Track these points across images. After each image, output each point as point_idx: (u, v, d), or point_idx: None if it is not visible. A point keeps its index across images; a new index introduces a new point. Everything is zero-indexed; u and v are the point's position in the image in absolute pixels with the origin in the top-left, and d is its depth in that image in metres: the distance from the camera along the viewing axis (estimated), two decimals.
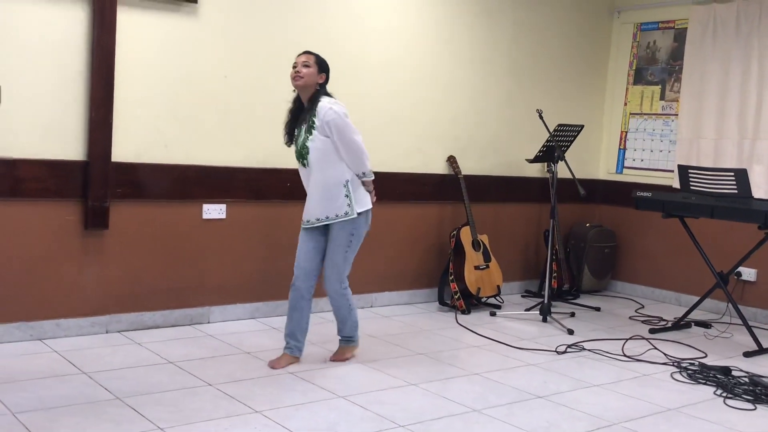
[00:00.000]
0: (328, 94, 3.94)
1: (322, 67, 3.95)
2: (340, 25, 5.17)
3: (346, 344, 4.22)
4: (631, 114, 6.71)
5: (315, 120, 3.84)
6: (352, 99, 5.24)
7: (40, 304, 4.20)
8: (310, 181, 3.95)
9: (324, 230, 4.01)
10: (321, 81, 3.93)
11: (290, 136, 4.01)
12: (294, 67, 3.91)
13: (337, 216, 3.91)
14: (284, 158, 4.96)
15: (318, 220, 3.95)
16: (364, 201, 3.98)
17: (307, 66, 3.88)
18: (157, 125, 4.49)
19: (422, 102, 5.67)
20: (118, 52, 4.27)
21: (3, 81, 3.82)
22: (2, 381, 3.52)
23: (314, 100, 3.89)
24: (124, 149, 4.37)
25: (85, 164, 4.24)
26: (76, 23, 4.17)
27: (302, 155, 3.92)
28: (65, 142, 4.20)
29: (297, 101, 4.01)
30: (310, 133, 3.86)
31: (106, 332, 4.41)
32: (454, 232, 5.63)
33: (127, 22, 4.31)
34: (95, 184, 4.25)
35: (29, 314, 4.17)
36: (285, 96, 4.08)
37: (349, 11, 5.21)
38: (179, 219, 4.64)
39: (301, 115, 3.97)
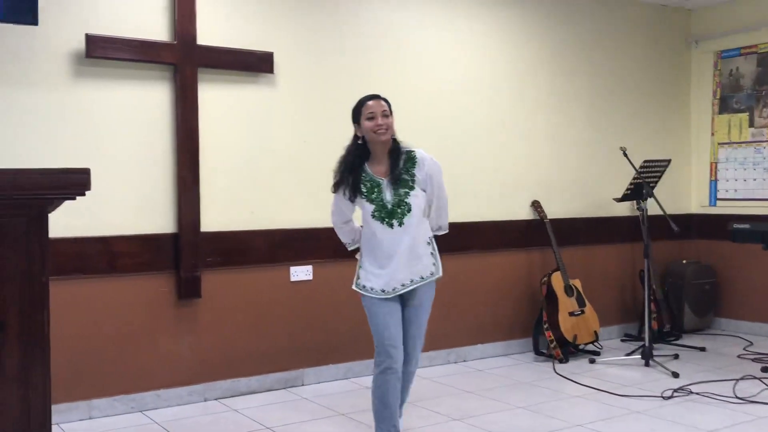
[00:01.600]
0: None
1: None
2: (413, 80, 5.21)
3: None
4: (719, 144, 6.48)
5: (416, 173, 3.43)
6: (430, 151, 5.26)
7: (140, 375, 4.29)
8: (400, 242, 3.41)
9: (399, 298, 3.49)
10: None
11: (355, 193, 3.47)
12: (372, 118, 3.40)
13: (422, 278, 3.46)
14: None
15: (403, 285, 3.42)
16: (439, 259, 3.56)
17: (386, 116, 3.42)
18: (241, 193, 4.60)
19: (502, 148, 5.63)
20: (201, 125, 4.41)
21: (96, 162, 3.99)
22: None
23: (397, 152, 3.46)
24: (212, 219, 4.48)
25: (176, 236, 4.36)
26: (160, 102, 4.34)
27: (396, 215, 3.40)
28: (156, 217, 4.34)
29: (358, 152, 3.48)
30: (411, 188, 3.41)
31: (204, 400, 4.46)
32: (545, 279, 5.50)
33: (209, 97, 4.46)
34: (186, 255, 4.36)
35: (129, 386, 4.27)
36: None
37: (421, 64, 5.25)
38: (268, 283, 4.70)
39: (394, 170, 3.44)
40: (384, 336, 3.42)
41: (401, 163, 3.44)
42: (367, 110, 3.42)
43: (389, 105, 3.48)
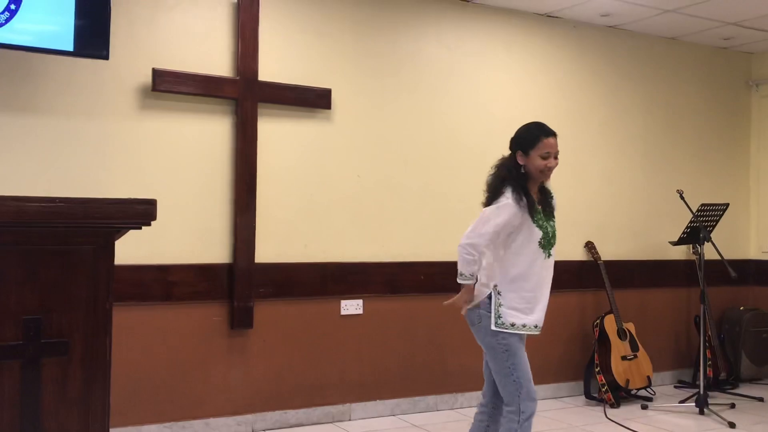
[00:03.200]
0: None
1: None
2: (468, 119, 5.25)
3: None
4: None
5: (554, 207, 3.35)
6: (481, 190, 5.26)
7: (190, 403, 4.35)
8: (549, 275, 3.26)
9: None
10: None
11: (532, 214, 3.21)
12: (546, 158, 3.21)
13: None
14: (417, 252, 5.03)
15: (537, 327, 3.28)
16: None
17: (557, 156, 3.24)
18: (296, 226, 4.67)
19: (555, 188, 5.57)
20: (259, 159, 4.51)
21: (157, 193, 4.10)
22: None
23: (543, 187, 3.34)
24: (266, 250, 4.55)
25: (231, 266, 4.44)
26: (221, 136, 4.46)
27: (552, 245, 3.26)
28: (212, 247, 4.43)
29: (522, 180, 3.24)
30: (548, 220, 3.29)
31: (252, 431, 4.48)
32: (598, 321, 5.42)
33: (267, 131, 4.56)
34: (240, 286, 4.43)
35: (180, 414, 4.32)
36: (414, 191, 4.11)
37: (476, 103, 5.29)
38: (318, 316, 4.73)
39: (541, 201, 3.30)
40: (531, 381, 3.18)
41: (549, 195, 3.33)
42: (544, 147, 3.20)
43: None
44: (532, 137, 3.24)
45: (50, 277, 2.11)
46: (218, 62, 4.45)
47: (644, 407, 5.22)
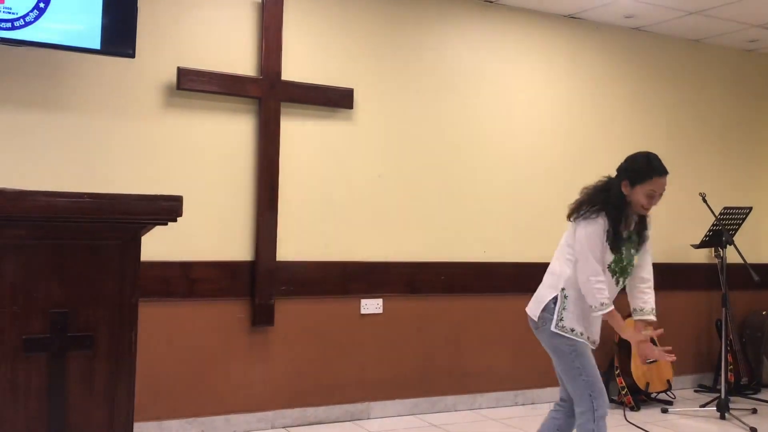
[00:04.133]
0: None
1: None
2: (487, 119, 5.25)
3: None
4: None
5: (646, 239, 3.34)
6: (505, 191, 5.27)
7: (211, 399, 4.38)
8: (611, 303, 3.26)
9: None
10: None
11: (616, 235, 3.20)
12: (651, 196, 3.22)
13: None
14: (437, 252, 5.04)
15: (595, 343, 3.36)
16: None
17: (661, 195, 3.24)
18: (317, 224, 4.69)
19: (577, 190, 5.56)
20: (282, 158, 4.54)
21: (181, 190, 4.13)
22: None
23: (644, 217, 3.33)
24: (288, 249, 4.58)
25: (253, 264, 4.47)
26: (244, 134, 4.49)
27: (626, 272, 3.30)
28: (235, 244, 4.46)
29: (621, 205, 3.23)
30: (637, 252, 3.32)
31: (272, 427, 4.51)
32: None
33: (290, 130, 4.59)
34: (262, 283, 4.46)
35: (201, 410, 4.36)
36: (435, 191, 4.10)
37: (499, 103, 5.28)
38: (338, 314, 4.75)
39: (636, 230, 3.31)
40: (601, 381, 3.22)
41: (645, 227, 3.31)
42: (653, 185, 3.19)
43: None
44: (643, 173, 3.19)
45: (77, 272, 2.14)
46: (242, 61, 4.48)
47: (664, 411, 5.19)
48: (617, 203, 3.19)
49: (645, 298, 3.38)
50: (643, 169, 3.19)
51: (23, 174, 3.92)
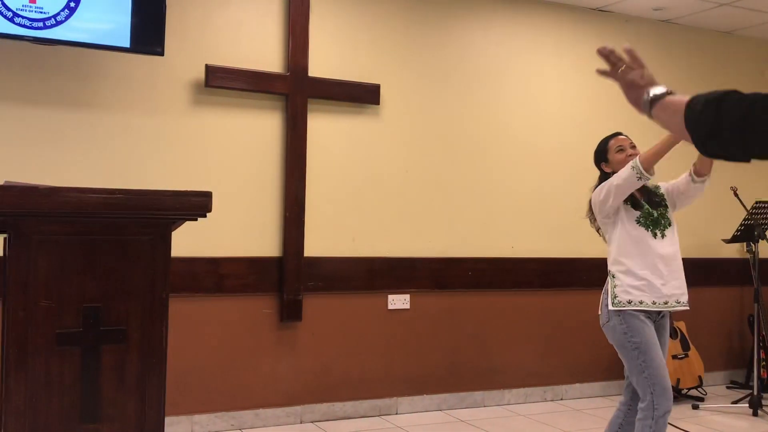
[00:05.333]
0: None
1: None
2: (514, 114, 5.22)
3: None
4: None
5: (661, 197, 3.59)
6: (532, 186, 5.24)
7: (241, 394, 4.42)
8: (666, 253, 3.39)
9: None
10: None
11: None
12: (622, 150, 3.49)
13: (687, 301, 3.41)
14: (464, 248, 5.02)
15: (678, 303, 3.39)
16: None
17: (633, 146, 3.51)
18: (344, 220, 4.70)
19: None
20: (309, 154, 4.55)
21: (209, 186, 4.17)
22: None
23: (645, 186, 3.54)
24: (315, 244, 4.60)
25: (281, 260, 4.50)
26: (271, 131, 4.51)
27: (661, 224, 3.46)
28: (263, 240, 4.49)
29: None
30: (666, 208, 3.56)
31: (300, 422, 4.54)
32: None
33: (317, 126, 4.61)
34: (290, 279, 4.48)
35: (230, 404, 4.40)
36: (462, 187, 4.11)
37: (525, 98, 5.26)
38: (366, 310, 4.77)
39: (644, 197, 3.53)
40: (665, 377, 3.19)
41: (652, 188, 3.58)
42: (615, 144, 3.49)
43: None
44: (601, 147, 3.55)
45: (109, 267, 2.18)
46: (269, 58, 4.50)
47: (695, 407, 5.13)
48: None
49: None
50: (599, 147, 3.55)
51: (56, 171, 3.98)
